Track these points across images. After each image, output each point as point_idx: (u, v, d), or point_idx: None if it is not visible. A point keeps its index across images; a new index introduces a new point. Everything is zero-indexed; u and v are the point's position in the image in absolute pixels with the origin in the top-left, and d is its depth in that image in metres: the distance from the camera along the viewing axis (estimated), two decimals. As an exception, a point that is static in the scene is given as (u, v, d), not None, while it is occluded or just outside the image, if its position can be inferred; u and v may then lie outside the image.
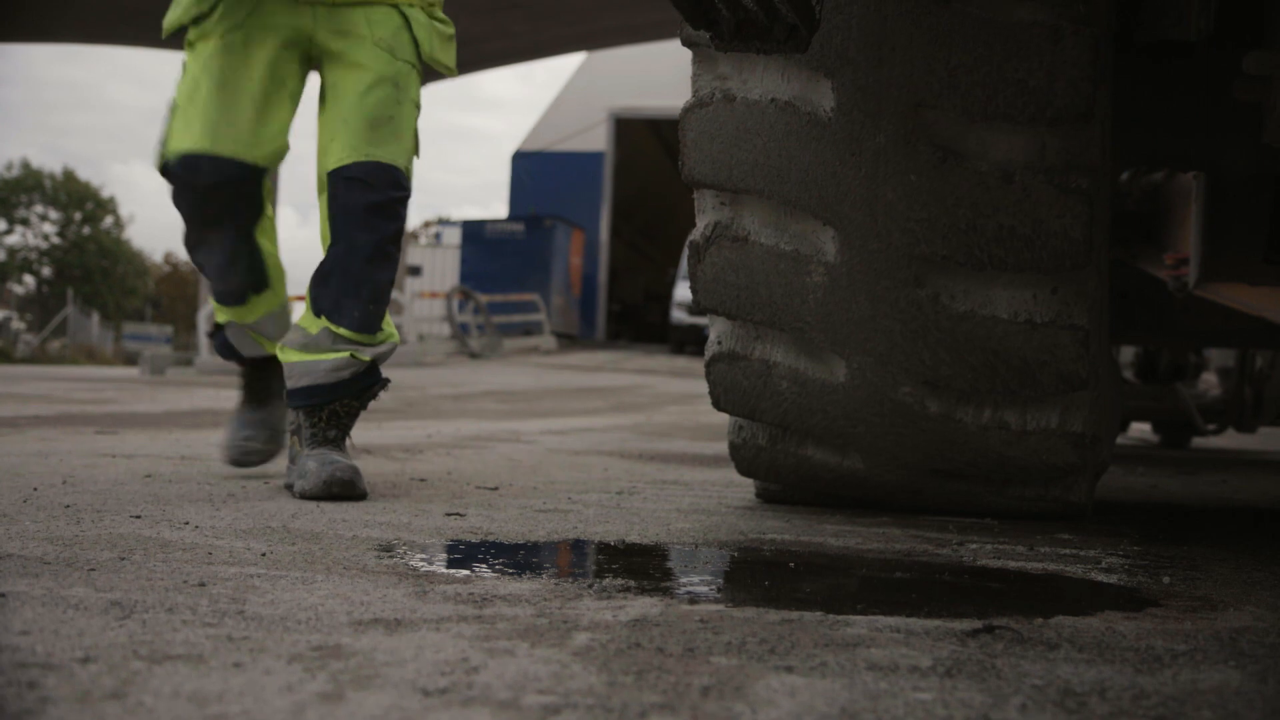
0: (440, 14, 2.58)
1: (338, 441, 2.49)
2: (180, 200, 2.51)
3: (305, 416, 2.49)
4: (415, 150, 2.52)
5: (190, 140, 2.45)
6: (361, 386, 2.48)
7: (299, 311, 2.58)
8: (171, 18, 2.53)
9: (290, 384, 2.50)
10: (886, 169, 2.27)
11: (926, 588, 1.68)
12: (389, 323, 2.52)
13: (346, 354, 2.44)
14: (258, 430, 2.74)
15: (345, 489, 2.35)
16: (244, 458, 2.74)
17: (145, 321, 35.00)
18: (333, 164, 2.44)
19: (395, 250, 2.49)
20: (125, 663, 1.06)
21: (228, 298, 2.64)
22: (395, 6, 2.48)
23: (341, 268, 2.41)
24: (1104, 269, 2.61)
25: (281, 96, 2.48)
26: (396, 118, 2.46)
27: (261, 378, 2.79)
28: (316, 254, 2.53)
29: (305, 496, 2.35)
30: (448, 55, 2.58)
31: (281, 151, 2.53)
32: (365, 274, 2.41)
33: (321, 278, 2.46)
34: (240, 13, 2.44)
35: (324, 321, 2.47)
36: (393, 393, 8.45)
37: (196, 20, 2.47)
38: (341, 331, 2.44)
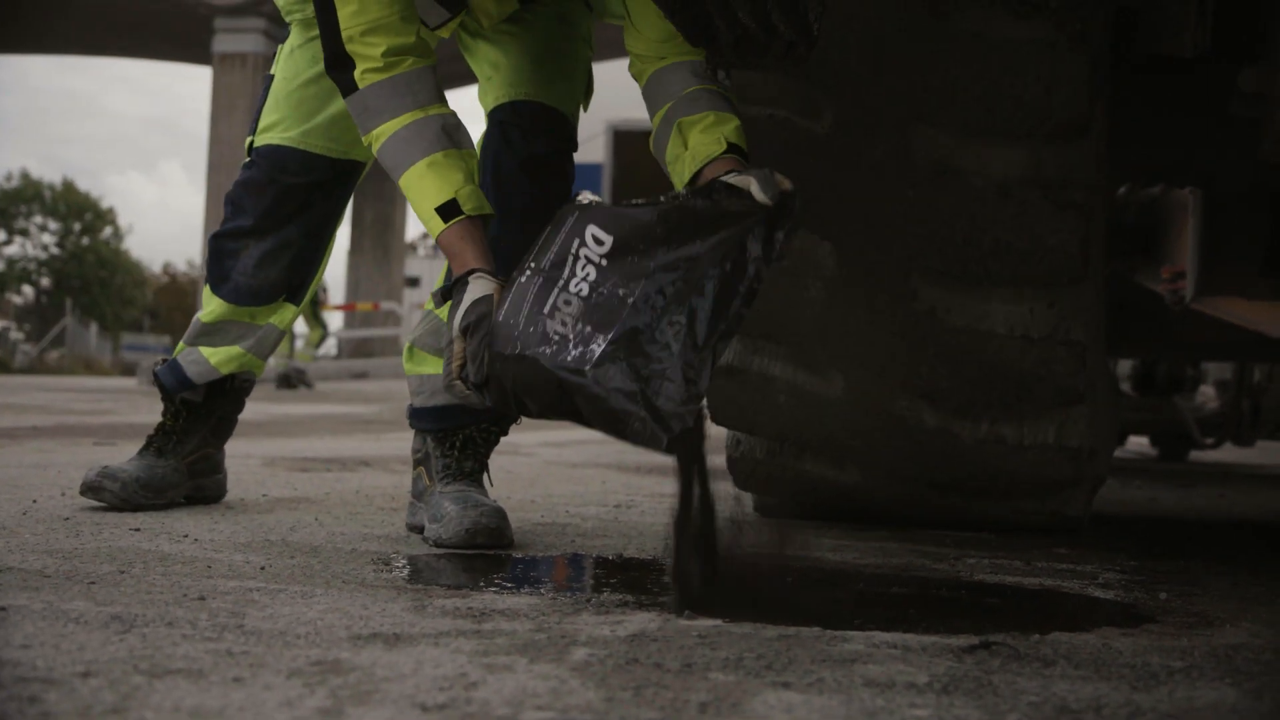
0: None
1: (475, 476, 2.13)
2: (255, 194, 2.28)
3: (436, 443, 2.15)
4: (587, 97, 2.21)
5: (278, 133, 2.25)
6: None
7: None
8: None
9: (419, 401, 2.17)
10: (884, 184, 2.28)
11: (924, 603, 1.68)
12: None
13: None
14: (124, 478, 2.25)
15: (492, 538, 1.97)
16: (92, 489, 2.23)
17: (143, 332, 35.02)
18: (490, 104, 2.12)
19: None
20: (126, 678, 1.06)
21: (248, 294, 2.31)
22: None
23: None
24: (1101, 283, 2.62)
25: None
26: (564, 53, 2.15)
27: (184, 422, 2.36)
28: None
29: (443, 545, 1.97)
30: (618, 2, 2.13)
31: None
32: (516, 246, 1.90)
33: None
34: None
35: None
36: (391, 404, 8.46)
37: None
38: None
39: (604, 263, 1.58)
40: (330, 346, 17.75)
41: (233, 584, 1.56)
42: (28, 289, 38.75)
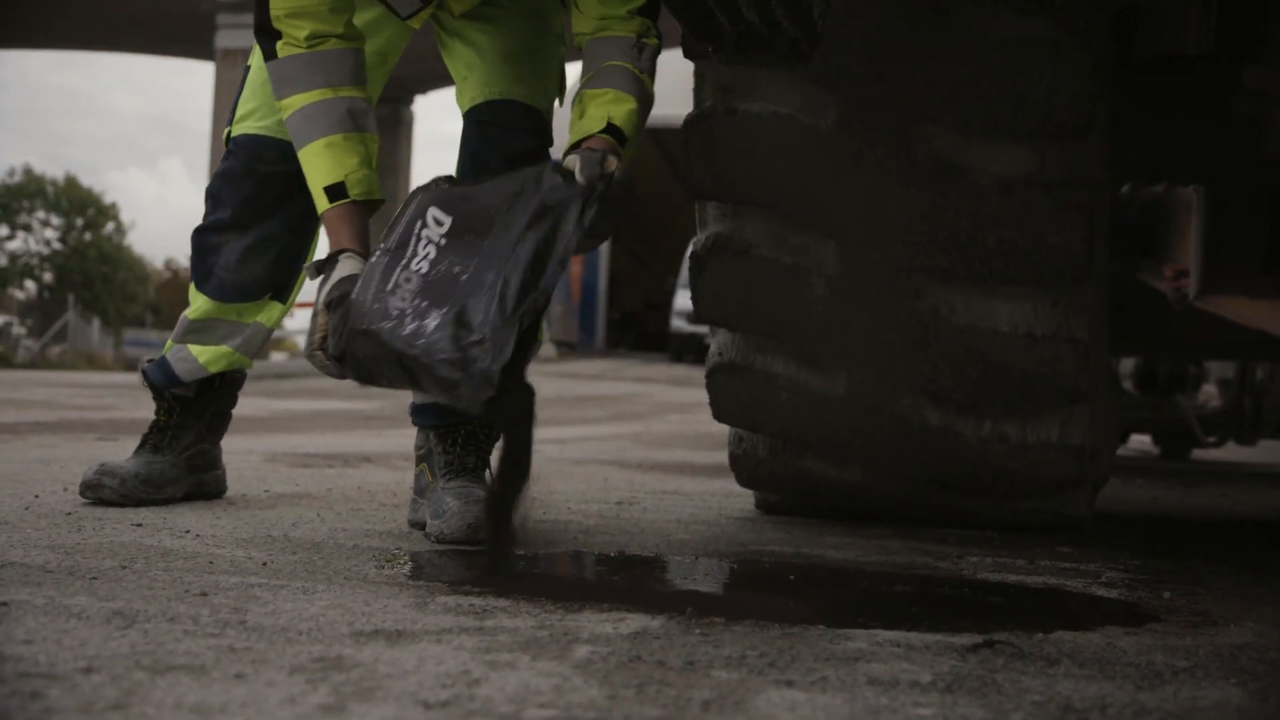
0: None
1: (478, 471, 2.14)
2: (233, 184, 2.26)
3: (438, 440, 2.17)
4: (560, 92, 2.23)
5: (254, 121, 2.23)
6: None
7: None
8: None
9: (419, 397, 2.18)
10: (887, 182, 2.28)
11: (927, 601, 1.68)
12: None
13: None
14: (122, 474, 2.24)
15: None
16: (91, 487, 2.23)
17: (145, 328, 35.01)
18: (466, 104, 2.16)
19: None
20: (128, 673, 1.06)
21: (233, 291, 2.29)
22: None
23: None
24: (1104, 282, 2.62)
25: (378, 76, 2.20)
26: (538, 50, 2.17)
27: (178, 418, 2.36)
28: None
29: (445, 540, 1.98)
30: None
31: None
32: None
33: None
34: None
35: None
36: (393, 400, 8.46)
37: None
38: None
39: (444, 242, 1.73)
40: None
41: (234, 580, 1.56)
42: (30, 284, 38.78)
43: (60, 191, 38.82)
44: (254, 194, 2.27)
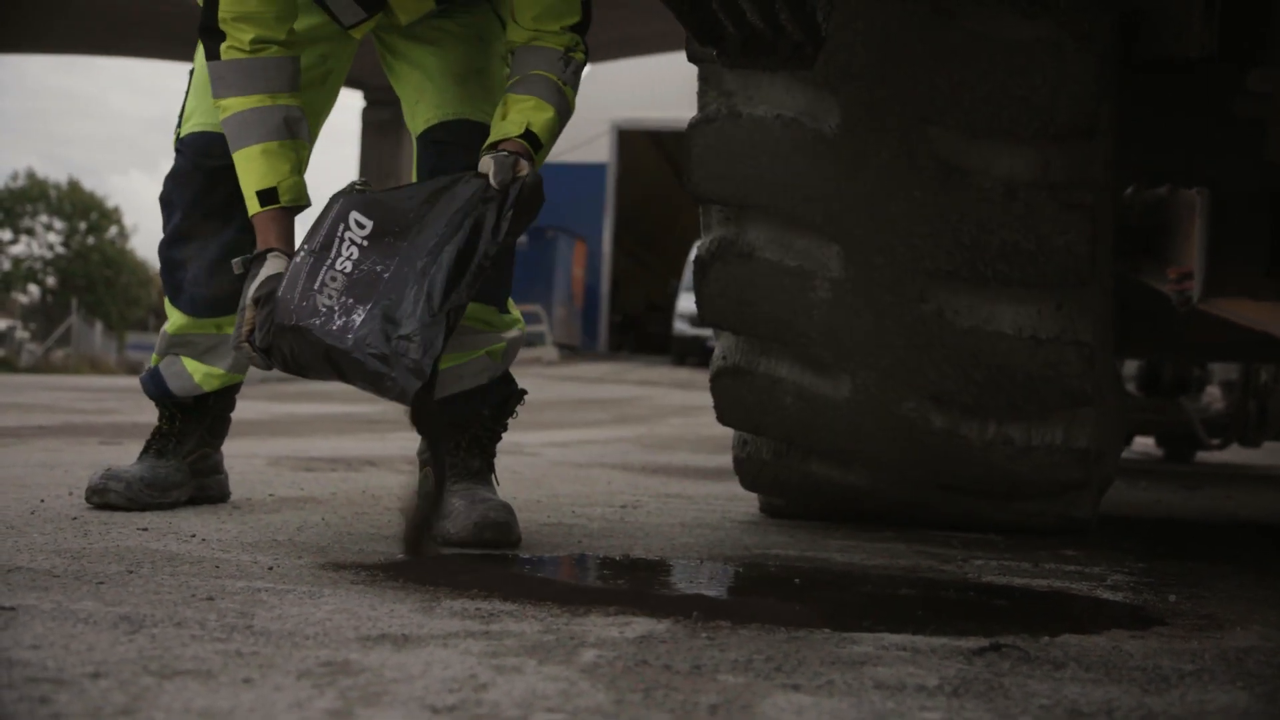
0: None
1: (483, 474, 2.16)
2: (183, 184, 2.26)
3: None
4: None
5: (199, 119, 2.23)
6: (501, 396, 2.20)
7: None
8: None
9: None
10: (891, 185, 2.28)
11: (932, 605, 1.68)
12: (513, 306, 2.23)
13: (481, 353, 2.15)
14: (128, 479, 2.24)
15: (500, 534, 2.00)
16: (98, 492, 2.23)
17: (148, 331, 35.02)
18: (420, 126, 2.19)
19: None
20: (135, 678, 1.06)
21: (205, 306, 2.27)
22: None
23: None
24: (1108, 284, 2.62)
25: (326, 88, 2.21)
26: (485, 71, 2.21)
27: (179, 424, 2.35)
28: None
29: (451, 543, 2.00)
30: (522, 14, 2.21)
31: (312, 136, 2.23)
32: None
33: None
34: None
35: None
36: (395, 404, 8.45)
37: None
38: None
39: (365, 243, 1.84)
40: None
41: (241, 584, 1.56)
42: (33, 288, 38.82)
43: (63, 195, 38.85)
44: (203, 191, 2.24)
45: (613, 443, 5.30)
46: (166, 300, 2.34)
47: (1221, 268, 3.06)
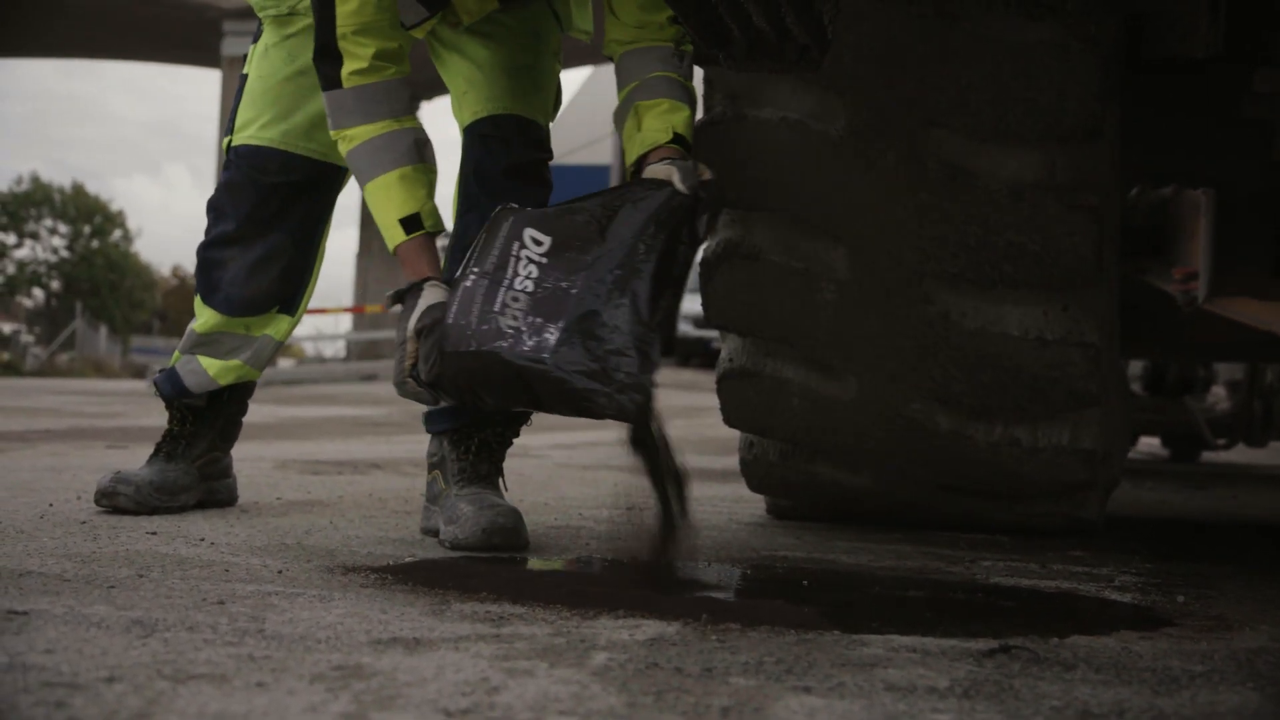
0: None
1: (491, 478, 2.15)
2: (237, 195, 2.28)
3: (451, 446, 2.16)
4: (557, 108, 2.25)
5: (256, 131, 2.26)
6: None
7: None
8: None
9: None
10: (897, 187, 2.29)
11: (941, 606, 1.68)
12: None
13: None
14: (137, 482, 2.25)
15: (508, 539, 1.99)
16: (107, 495, 2.24)
17: (152, 334, 35.05)
18: (468, 118, 2.15)
19: None
20: (150, 683, 1.06)
21: (240, 306, 2.30)
22: None
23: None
24: (1114, 286, 2.62)
25: None
26: (536, 67, 2.18)
27: (190, 426, 2.36)
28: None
29: (459, 547, 1.98)
30: (585, 19, 2.28)
31: None
32: None
33: (453, 255, 2.12)
34: None
35: None
36: (401, 406, 8.47)
37: None
38: None
39: (545, 260, 1.74)
40: (339, 349, 17.77)
41: (251, 588, 1.57)
42: (38, 292, 38.87)
43: (67, 199, 38.92)
44: (257, 206, 2.28)
45: (618, 444, 5.30)
46: (198, 298, 2.35)
47: (1227, 268, 3.06)
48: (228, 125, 2.31)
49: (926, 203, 2.27)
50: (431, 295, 1.81)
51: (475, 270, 1.76)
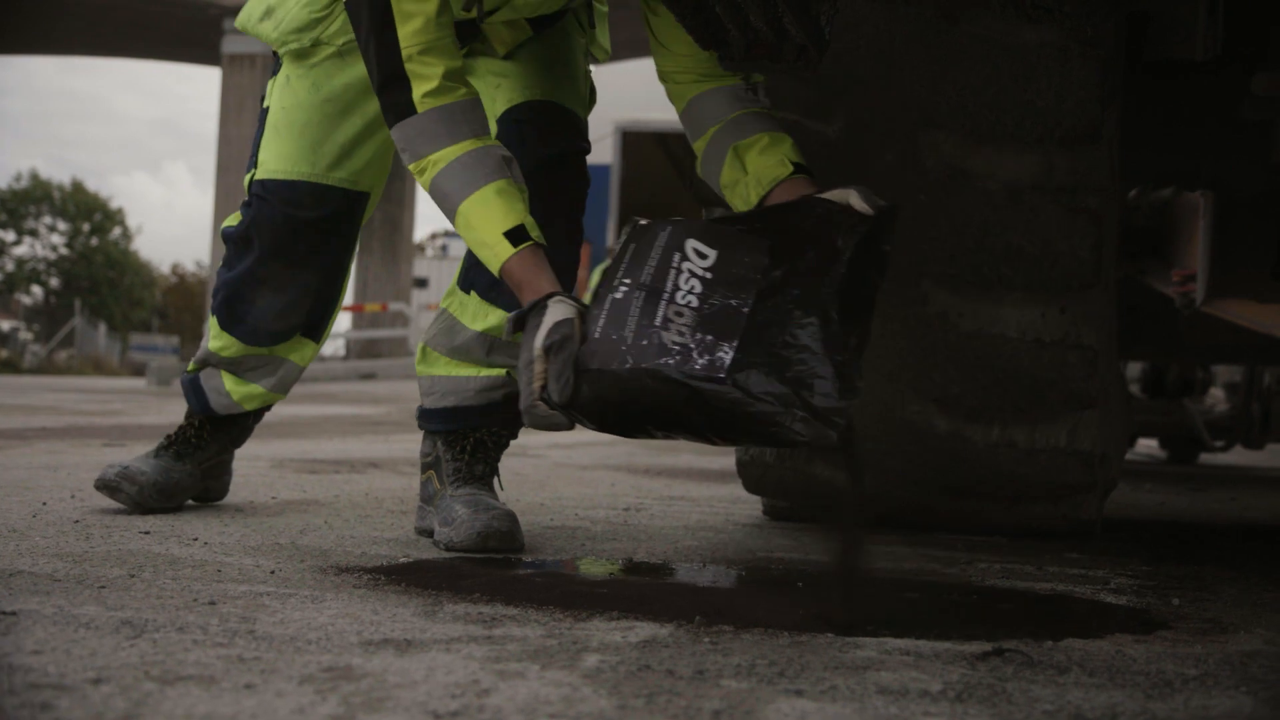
0: None
1: (486, 479, 2.12)
2: (267, 231, 2.21)
3: (446, 447, 2.13)
4: (591, 101, 2.20)
5: (288, 165, 2.19)
6: (515, 411, 2.05)
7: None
8: (266, 27, 2.20)
9: (429, 403, 2.15)
10: (895, 188, 2.28)
11: (935, 608, 1.68)
12: None
13: (502, 372, 2.09)
14: (141, 483, 2.24)
15: (503, 542, 1.97)
16: (108, 488, 2.24)
17: (152, 332, 35.08)
18: (502, 108, 2.07)
19: (577, 218, 2.09)
20: (137, 684, 1.06)
21: (266, 338, 2.28)
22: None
23: None
24: (1113, 288, 2.61)
25: None
26: (570, 61, 2.13)
27: (206, 437, 2.36)
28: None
29: (454, 549, 1.97)
30: (605, 36, 2.24)
31: (386, 172, 2.27)
32: None
33: (469, 260, 2.08)
34: None
35: (475, 300, 2.08)
36: (399, 405, 8.47)
37: (305, 28, 2.15)
38: (493, 321, 2.06)
39: (709, 275, 1.60)
40: (338, 347, 17.79)
41: (243, 588, 1.56)
42: (37, 289, 38.88)
43: (67, 196, 38.92)
44: (289, 241, 2.22)
45: (616, 444, 5.30)
46: (214, 322, 2.31)
47: (1225, 270, 3.06)
48: (250, 160, 2.25)
49: (925, 204, 2.27)
50: (559, 311, 1.63)
51: (626, 281, 1.61)
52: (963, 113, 2.23)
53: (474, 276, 2.08)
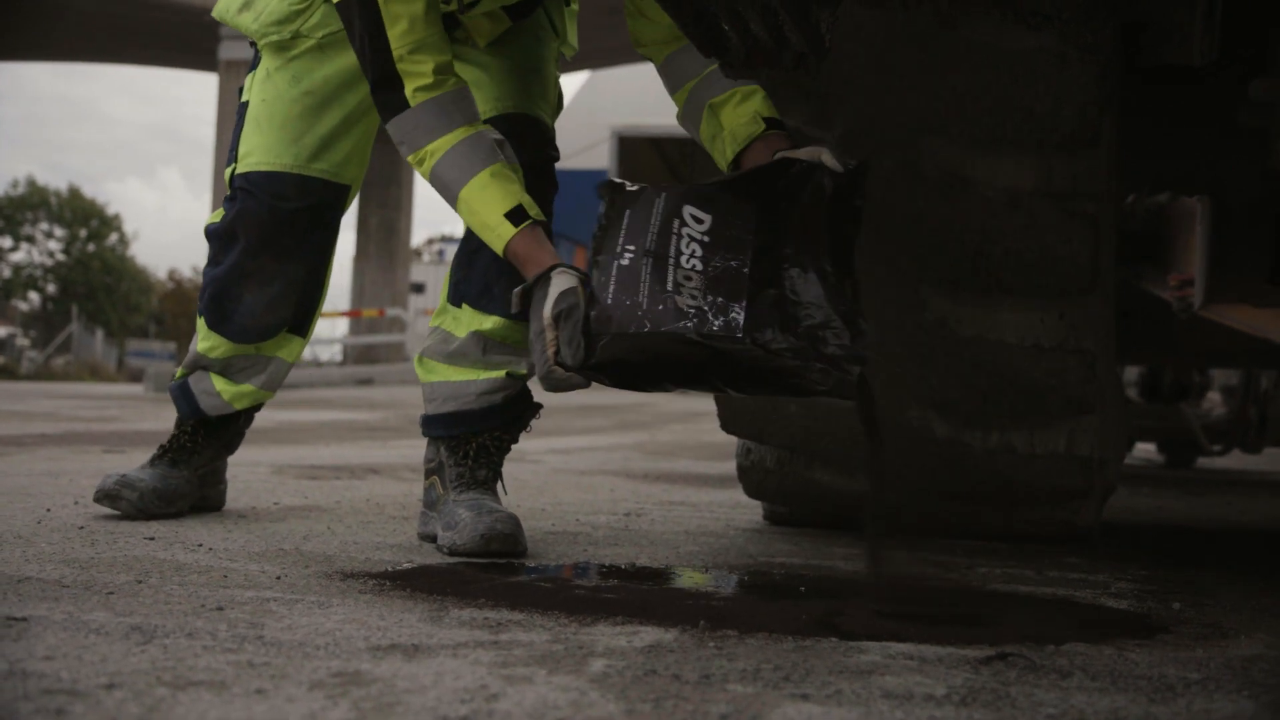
0: None
1: (489, 484, 2.14)
2: (252, 223, 2.23)
3: (449, 452, 2.15)
4: (558, 111, 2.24)
5: (270, 157, 2.21)
6: (514, 414, 2.15)
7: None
8: (245, 19, 2.22)
9: (430, 409, 2.17)
10: (894, 194, 2.29)
11: (937, 613, 1.69)
12: None
13: (502, 373, 2.12)
14: (141, 489, 2.25)
15: (507, 545, 1.98)
16: (109, 497, 2.25)
17: (149, 338, 35.06)
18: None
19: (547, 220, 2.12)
20: (150, 689, 1.07)
21: (254, 334, 2.30)
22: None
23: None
24: (1111, 293, 2.62)
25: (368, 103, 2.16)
26: (541, 70, 2.18)
27: (200, 441, 2.37)
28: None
29: (457, 553, 1.98)
30: (573, 35, 2.28)
31: (365, 165, 2.31)
32: None
33: (467, 258, 2.12)
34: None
35: (468, 312, 2.12)
36: (397, 410, 8.47)
37: (284, 20, 2.18)
38: (488, 326, 2.10)
39: (707, 239, 1.68)
40: (335, 353, 17.78)
41: (250, 594, 1.57)
42: (34, 296, 38.84)
43: (63, 202, 38.90)
44: (274, 235, 2.24)
45: (615, 449, 5.31)
46: (202, 322, 2.32)
47: (1222, 275, 3.07)
48: (230, 155, 2.27)
49: (923, 210, 2.28)
50: (563, 281, 1.74)
51: (631, 248, 1.68)
52: (961, 118, 2.24)
53: (463, 289, 2.14)
